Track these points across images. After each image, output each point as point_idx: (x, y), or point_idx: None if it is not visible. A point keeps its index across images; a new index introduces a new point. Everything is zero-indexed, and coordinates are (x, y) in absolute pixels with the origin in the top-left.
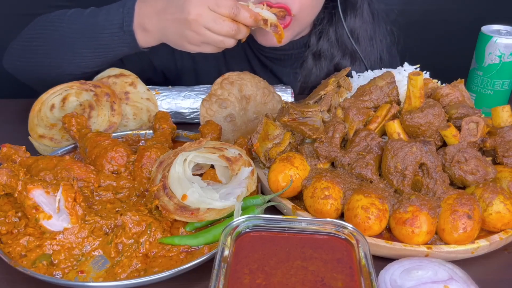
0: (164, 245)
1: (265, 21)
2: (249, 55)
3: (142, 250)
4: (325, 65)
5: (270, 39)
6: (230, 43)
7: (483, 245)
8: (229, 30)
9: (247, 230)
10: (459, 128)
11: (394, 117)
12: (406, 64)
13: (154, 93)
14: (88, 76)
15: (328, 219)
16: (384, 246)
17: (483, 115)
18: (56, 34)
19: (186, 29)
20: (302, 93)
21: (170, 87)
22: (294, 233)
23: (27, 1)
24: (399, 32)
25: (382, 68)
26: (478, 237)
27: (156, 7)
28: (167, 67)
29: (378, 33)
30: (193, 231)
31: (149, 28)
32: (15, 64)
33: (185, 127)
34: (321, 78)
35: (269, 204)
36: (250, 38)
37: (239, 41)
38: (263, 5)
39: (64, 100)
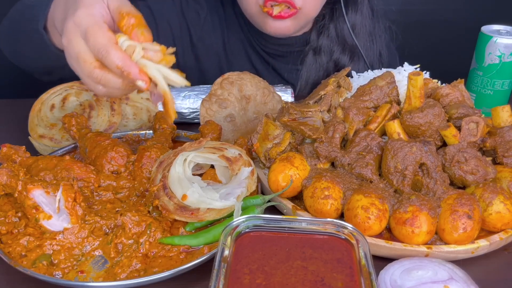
0: (164, 245)
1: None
2: (250, 52)
3: (142, 250)
4: (325, 60)
5: (275, 27)
6: (97, 90)
7: (483, 245)
8: (90, 73)
9: (247, 230)
10: (459, 128)
11: (394, 117)
12: (406, 64)
13: None
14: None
15: (328, 219)
16: (384, 246)
17: (483, 115)
18: (13, 27)
19: (65, 52)
20: (303, 91)
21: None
22: (294, 233)
23: None
24: (397, 29)
25: (382, 68)
26: (478, 237)
27: (64, 11)
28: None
29: (378, 29)
30: (193, 231)
31: (59, 31)
32: (4, 49)
33: (185, 127)
34: (321, 74)
35: (269, 204)
36: (252, 34)
37: (230, 40)
38: (162, 54)
39: (64, 100)
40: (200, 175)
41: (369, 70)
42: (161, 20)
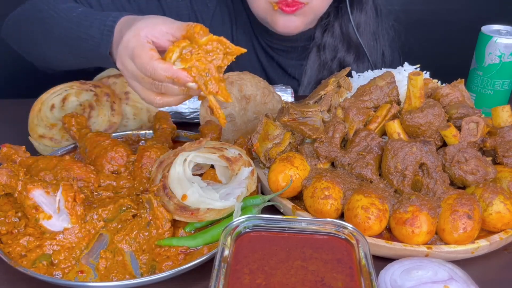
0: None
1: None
2: (256, 46)
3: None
4: (329, 58)
5: (284, 25)
6: (156, 102)
7: (483, 245)
8: (151, 86)
9: (247, 230)
10: (459, 128)
11: (394, 117)
12: (406, 64)
13: None
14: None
15: (328, 219)
16: (384, 246)
17: (483, 115)
18: (45, 27)
19: (123, 74)
20: (306, 87)
21: None
22: (294, 233)
23: None
24: (400, 28)
25: (383, 68)
26: (478, 237)
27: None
28: None
29: (381, 28)
30: (192, 231)
31: None
32: (9, 39)
33: (185, 127)
34: (325, 72)
35: (267, 203)
36: (258, 29)
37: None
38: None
39: (64, 100)
40: (200, 175)
41: (369, 70)
42: (170, 13)
